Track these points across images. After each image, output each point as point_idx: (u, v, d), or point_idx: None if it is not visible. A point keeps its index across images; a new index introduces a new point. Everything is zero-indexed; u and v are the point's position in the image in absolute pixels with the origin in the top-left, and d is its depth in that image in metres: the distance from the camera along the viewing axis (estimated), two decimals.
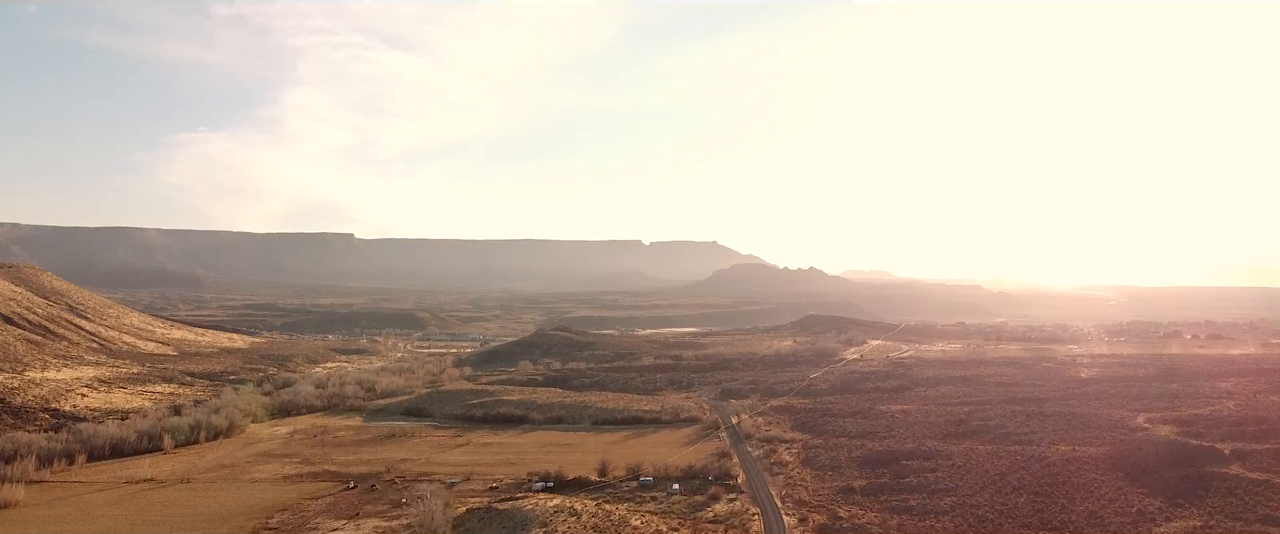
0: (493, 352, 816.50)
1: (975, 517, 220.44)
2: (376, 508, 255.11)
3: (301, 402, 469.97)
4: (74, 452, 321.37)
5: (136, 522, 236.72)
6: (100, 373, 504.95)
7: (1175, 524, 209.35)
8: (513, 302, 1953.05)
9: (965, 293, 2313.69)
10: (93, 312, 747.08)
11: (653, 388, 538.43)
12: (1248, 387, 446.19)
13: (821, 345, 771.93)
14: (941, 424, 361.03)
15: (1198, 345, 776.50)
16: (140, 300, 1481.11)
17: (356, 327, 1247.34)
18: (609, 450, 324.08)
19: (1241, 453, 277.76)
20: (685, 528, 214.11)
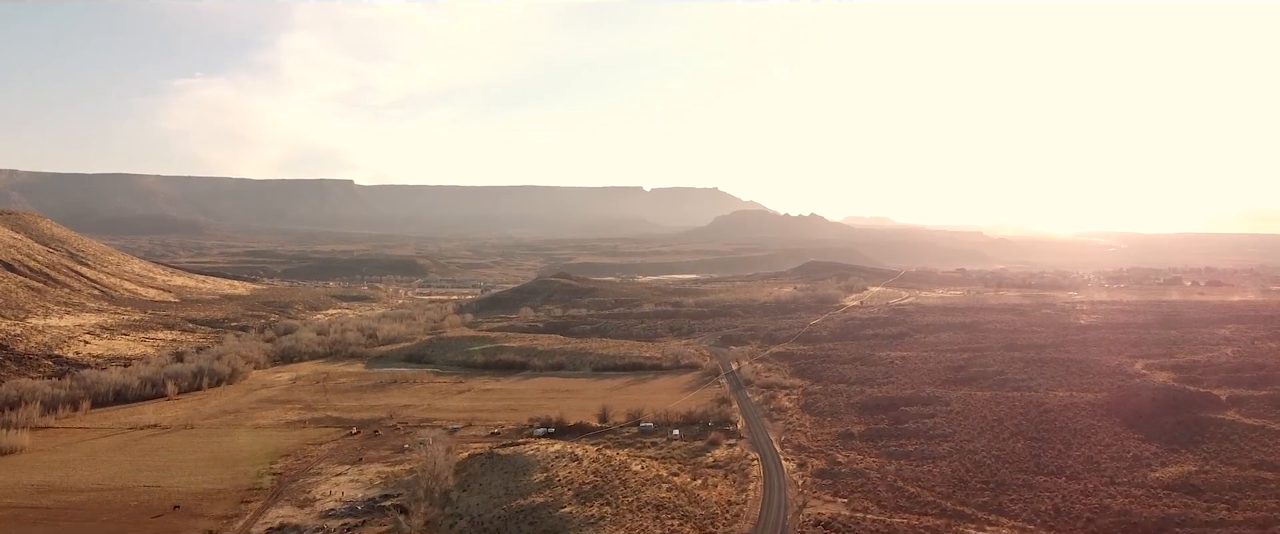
0: (494, 298, 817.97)
1: (972, 462, 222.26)
2: (379, 453, 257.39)
3: (303, 348, 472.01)
4: (78, 398, 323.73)
5: (142, 467, 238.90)
6: (102, 319, 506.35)
7: (1170, 469, 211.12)
8: (513, 248, 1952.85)
9: (966, 239, 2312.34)
10: (93, 258, 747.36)
11: (653, 334, 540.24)
12: (1246, 333, 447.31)
13: (822, 292, 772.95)
14: (940, 370, 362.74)
15: (1197, 292, 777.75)
16: (140, 247, 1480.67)
17: (357, 273, 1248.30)
18: (609, 396, 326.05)
19: (1238, 399, 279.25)
20: (685, 473, 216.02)
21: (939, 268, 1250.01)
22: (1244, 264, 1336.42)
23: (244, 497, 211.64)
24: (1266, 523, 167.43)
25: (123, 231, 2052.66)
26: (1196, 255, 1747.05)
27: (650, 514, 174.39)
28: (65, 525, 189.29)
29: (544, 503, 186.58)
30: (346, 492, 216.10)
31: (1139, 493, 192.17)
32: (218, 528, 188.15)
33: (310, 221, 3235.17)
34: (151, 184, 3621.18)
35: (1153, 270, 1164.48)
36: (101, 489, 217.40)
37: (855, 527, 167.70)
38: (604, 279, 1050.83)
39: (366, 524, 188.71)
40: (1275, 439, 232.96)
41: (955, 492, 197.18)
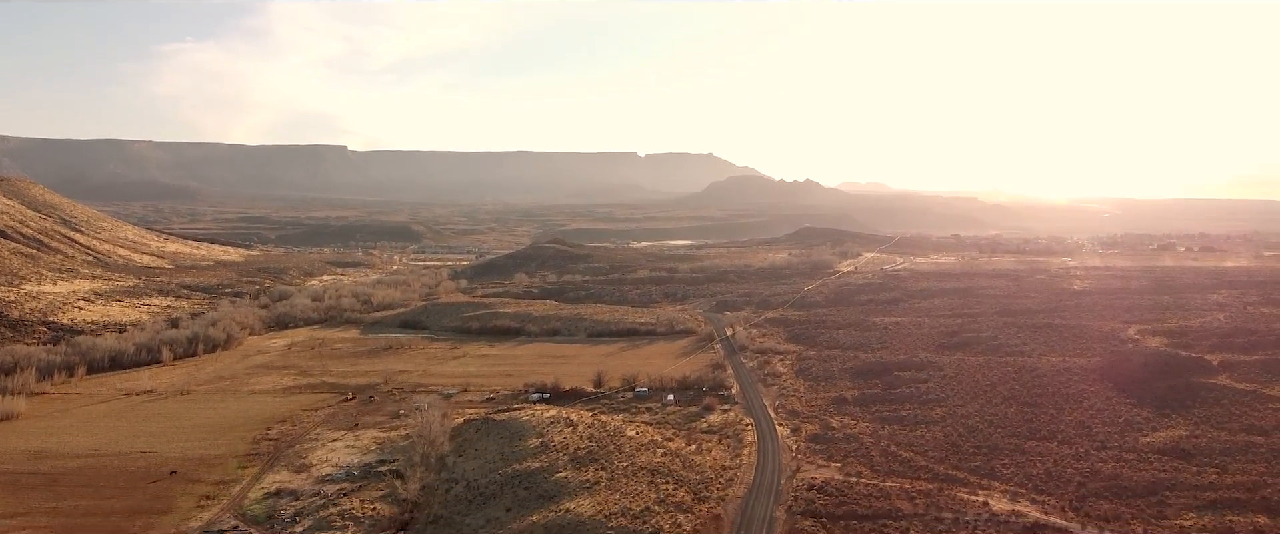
0: (488, 264, 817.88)
1: (965, 426, 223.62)
2: (375, 419, 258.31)
3: (298, 314, 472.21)
4: (73, 364, 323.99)
5: (138, 432, 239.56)
6: (96, 286, 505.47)
7: (1161, 434, 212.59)
8: (508, 214, 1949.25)
9: (960, 205, 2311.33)
10: (86, 225, 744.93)
11: (648, 300, 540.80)
12: (1239, 298, 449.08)
13: (816, 258, 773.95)
14: (934, 336, 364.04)
15: (1190, 257, 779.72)
16: (133, 213, 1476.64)
17: (351, 239, 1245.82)
18: (604, 362, 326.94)
19: (1229, 364, 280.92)
20: (680, 438, 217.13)
21: (933, 233, 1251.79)
22: (1238, 230, 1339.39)
23: (240, 462, 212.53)
24: (1255, 487, 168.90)
25: (115, 198, 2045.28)
26: (1190, 221, 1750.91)
27: (645, 479, 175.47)
28: (62, 491, 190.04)
29: (539, 468, 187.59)
30: (342, 457, 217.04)
31: (1130, 457, 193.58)
32: (214, 493, 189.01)
33: (304, 187, 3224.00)
34: (143, 150, 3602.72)
35: (1146, 236, 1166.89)
36: (98, 455, 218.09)
37: (848, 491, 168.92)
38: (599, 245, 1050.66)
39: (363, 489, 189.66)
40: (1266, 404, 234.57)
41: (948, 456, 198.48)
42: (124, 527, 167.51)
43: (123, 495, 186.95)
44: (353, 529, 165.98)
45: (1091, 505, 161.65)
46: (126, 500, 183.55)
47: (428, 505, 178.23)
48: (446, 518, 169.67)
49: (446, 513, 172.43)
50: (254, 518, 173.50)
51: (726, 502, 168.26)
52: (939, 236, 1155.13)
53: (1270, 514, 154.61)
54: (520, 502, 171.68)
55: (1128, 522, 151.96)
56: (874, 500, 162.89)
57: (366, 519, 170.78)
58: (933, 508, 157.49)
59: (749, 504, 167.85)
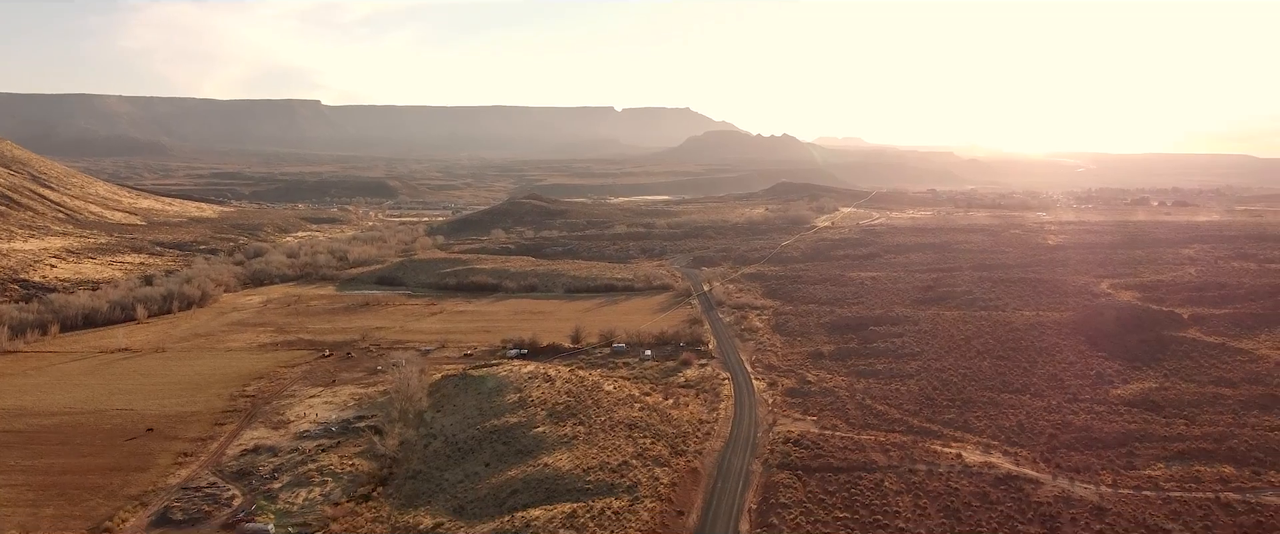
0: (465, 220, 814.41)
1: (940, 380, 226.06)
2: (352, 375, 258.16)
3: (274, 271, 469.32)
4: (47, 322, 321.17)
5: (114, 390, 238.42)
6: (68, 243, 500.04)
7: (1131, 386, 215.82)
8: (484, 169, 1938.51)
9: (937, 160, 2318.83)
10: (56, 181, 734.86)
11: (625, 256, 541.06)
12: (1210, 253, 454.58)
13: (793, 213, 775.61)
14: (910, 291, 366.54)
15: (1164, 212, 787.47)
16: (104, 169, 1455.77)
17: (326, 195, 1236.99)
18: (582, 318, 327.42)
19: (1200, 317, 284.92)
20: (657, 393, 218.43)
21: (910, 188, 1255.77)
22: (1211, 184, 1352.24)
23: (218, 419, 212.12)
24: (1223, 437, 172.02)
25: (85, 154, 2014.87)
26: (1165, 176, 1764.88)
27: (623, 433, 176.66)
28: (38, 448, 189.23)
29: (518, 423, 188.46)
30: (320, 413, 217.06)
31: (1101, 410, 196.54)
32: (192, 450, 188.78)
33: (277, 143, 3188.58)
34: (113, 105, 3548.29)
35: (1121, 191, 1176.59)
36: (74, 413, 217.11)
37: (824, 444, 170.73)
38: (576, 200, 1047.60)
39: (341, 445, 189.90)
40: (1234, 356, 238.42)
41: (922, 409, 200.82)
42: (102, 484, 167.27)
43: (100, 453, 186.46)
44: (331, 485, 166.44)
45: (1062, 457, 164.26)
46: (104, 458, 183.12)
47: (406, 461, 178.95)
48: (425, 473, 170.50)
49: (425, 468, 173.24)
50: (232, 474, 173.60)
51: (703, 455, 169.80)
52: (915, 191, 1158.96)
53: (1237, 464, 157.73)
54: (499, 457, 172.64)
55: (1097, 472, 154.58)
56: (849, 453, 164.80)
57: (345, 475, 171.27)
58: (907, 460, 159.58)
59: (726, 457, 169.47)
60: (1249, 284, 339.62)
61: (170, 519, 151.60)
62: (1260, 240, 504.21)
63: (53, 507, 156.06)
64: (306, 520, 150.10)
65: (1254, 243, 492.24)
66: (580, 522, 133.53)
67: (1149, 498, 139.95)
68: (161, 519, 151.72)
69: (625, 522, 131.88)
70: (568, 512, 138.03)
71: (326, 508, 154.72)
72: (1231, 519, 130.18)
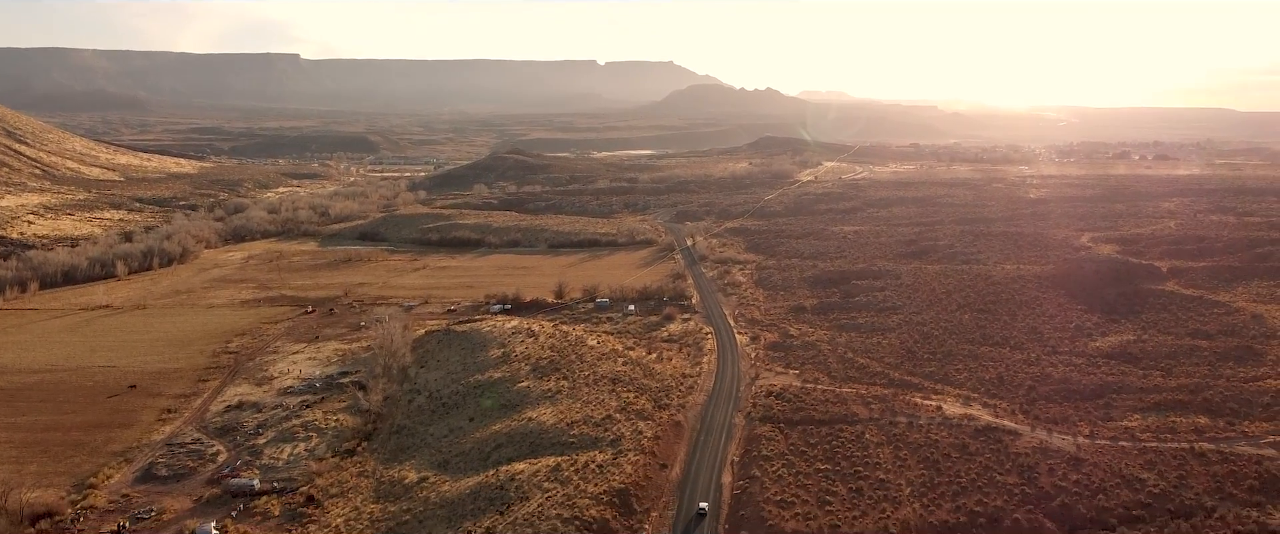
0: (447, 175, 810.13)
1: (921, 333, 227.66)
2: (335, 331, 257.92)
3: (255, 227, 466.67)
4: (26, 279, 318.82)
5: (96, 347, 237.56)
6: (45, 199, 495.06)
7: (1110, 338, 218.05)
8: (465, 124, 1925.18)
9: (920, 113, 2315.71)
10: (32, 137, 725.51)
11: (608, 211, 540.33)
12: (1189, 206, 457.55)
13: (776, 167, 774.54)
14: (892, 245, 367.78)
15: (1145, 166, 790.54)
16: (81, 125, 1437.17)
17: (306, 150, 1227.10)
18: (565, 273, 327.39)
19: (1178, 270, 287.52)
20: (641, 347, 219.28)
21: (893, 142, 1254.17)
22: (1192, 138, 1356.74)
23: (201, 375, 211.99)
24: (1198, 389, 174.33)
25: (60, 109, 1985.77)
26: (1146, 129, 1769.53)
27: (606, 387, 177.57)
28: (21, 406, 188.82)
29: (502, 378, 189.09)
30: (304, 369, 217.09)
31: (1079, 362, 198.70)
32: (175, 407, 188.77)
33: (256, 97, 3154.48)
34: (88, 59, 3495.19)
35: (1103, 144, 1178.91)
36: (56, 370, 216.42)
37: (806, 397, 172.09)
38: (558, 155, 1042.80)
39: (325, 401, 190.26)
40: (1211, 309, 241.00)
41: (903, 362, 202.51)
42: (85, 440, 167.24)
43: (83, 410, 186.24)
44: (316, 440, 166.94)
45: (1041, 408, 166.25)
46: (87, 415, 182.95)
47: (390, 416, 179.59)
48: (409, 428, 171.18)
49: (409, 423, 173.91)
50: (216, 430, 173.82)
51: (687, 409, 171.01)
52: (898, 145, 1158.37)
53: (1211, 414, 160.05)
54: (483, 411, 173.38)
55: (1075, 423, 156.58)
56: (831, 406, 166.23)
57: (329, 430, 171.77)
58: (888, 412, 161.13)
59: (709, 411, 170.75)
60: (1227, 237, 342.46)
61: (155, 475, 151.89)
62: (1239, 194, 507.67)
63: (36, 463, 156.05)
64: (291, 475, 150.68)
65: (1233, 196, 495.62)
66: (564, 475, 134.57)
67: (1125, 448, 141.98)
68: (146, 475, 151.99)
69: (609, 474, 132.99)
70: (552, 465, 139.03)
71: (311, 463, 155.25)
72: (1205, 468, 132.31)
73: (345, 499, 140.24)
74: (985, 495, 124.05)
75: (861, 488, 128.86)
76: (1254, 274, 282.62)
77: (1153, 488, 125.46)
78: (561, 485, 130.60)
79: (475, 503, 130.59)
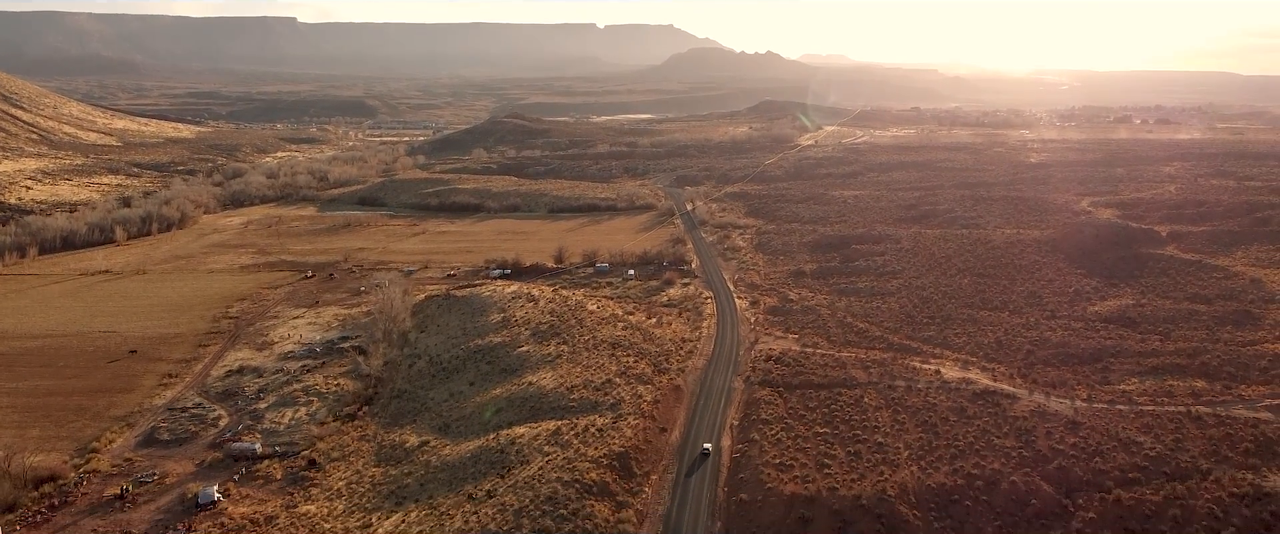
0: (446, 140, 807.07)
1: (920, 298, 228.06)
2: (335, 296, 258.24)
3: (253, 192, 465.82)
4: (25, 245, 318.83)
5: (96, 312, 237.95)
6: (43, 164, 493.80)
7: (1108, 303, 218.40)
8: (464, 88, 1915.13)
9: (921, 77, 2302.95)
10: (28, 101, 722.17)
11: (608, 175, 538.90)
12: (1190, 170, 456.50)
13: (777, 132, 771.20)
14: (892, 209, 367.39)
15: (1145, 130, 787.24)
16: (77, 89, 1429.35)
17: (304, 115, 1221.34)
18: (565, 237, 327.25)
19: (1178, 235, 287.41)
20: (640, 312, 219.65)
21: (893, 106, 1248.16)
22: (1193, 102, 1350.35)
23: (201, 341, 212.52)
24: (1196, 353, 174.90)
25: (56, 73, 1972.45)
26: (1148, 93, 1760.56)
27: (606, 352, 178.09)
28: (21, 371, 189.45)
29: (502, 342, 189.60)
30: (304, 334, 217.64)
31: (1078, 326, 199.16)
32: (176, 372, 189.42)
33: (253, 61, 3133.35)
34: (82, 22, 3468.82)
35: (1104, 108, 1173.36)
36: (57, 335, 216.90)
37: (805, 361, 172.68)
38: (558, 119, 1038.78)
39: (326, 365, 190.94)
40: (1210, 273, 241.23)
41: (902, 327, 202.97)
42: (87, 405, 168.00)
43: (84, 375, 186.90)
44: (317, 405, 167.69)
45: (1039, 372, 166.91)
46: (88, 380, 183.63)
47: (391, 380, 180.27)
48: (410, 392, 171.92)
49: (410, 388, 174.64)
50: (217, 395, 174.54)
51: (686, 373, 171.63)
52: (899, 109, 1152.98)
53: (1208, 379, 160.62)
54: (483, 376, 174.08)
55: (1073, 387, 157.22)
56: (830, 370, 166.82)
57: (330, 395, 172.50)
58: (886, 376, 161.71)
59: (708, 375, 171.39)
60: (1227, 202, 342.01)
61: (157, 440, 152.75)
62: (1240, 158, 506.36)
63: (38, 428, 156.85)
64: (293, 439, 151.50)
65: (1234, 160, 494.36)
66: (564, 439, 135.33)
67: (1122, 412, 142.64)
68: (148, 440, 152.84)
69: (609, 438, 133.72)
70: (552, 429, 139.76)
71: (312, 427, 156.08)
72: (1201, 432, 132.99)
73: (346, 463, 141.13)
74: (983, 458, 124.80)
75: (860, 451, 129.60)
76: (1253, 238, 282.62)
77: (1149, 451, 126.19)
78: (561, 449, 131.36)
79: (476, 466, 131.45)
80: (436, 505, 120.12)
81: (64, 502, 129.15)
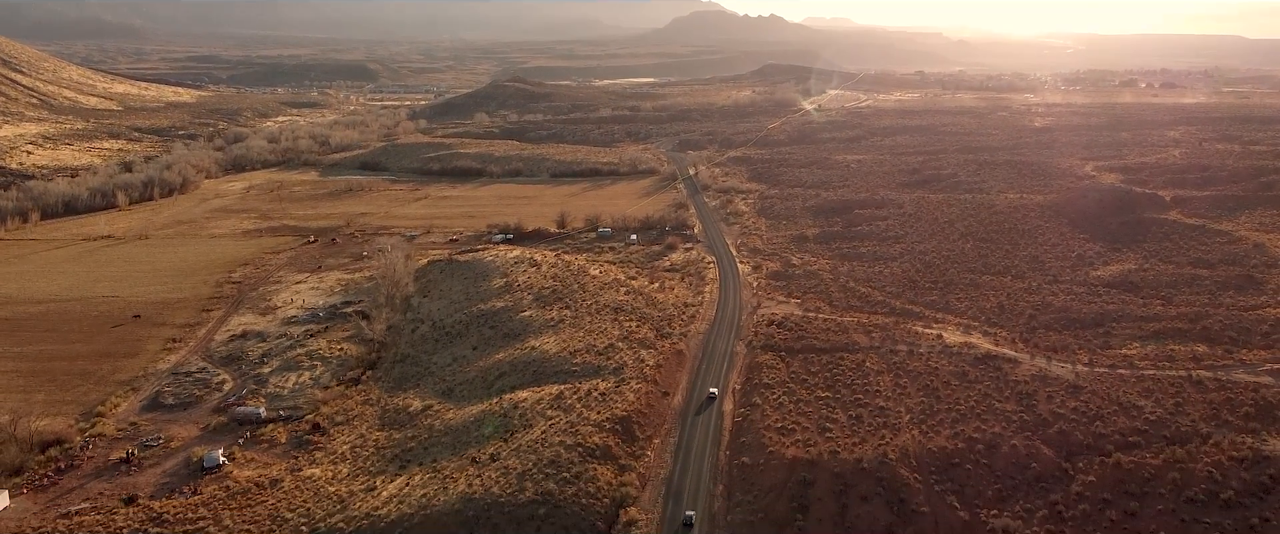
0: (447, 104, 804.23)
1: (922, 262, 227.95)
2: (338, 261, 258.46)
3: (255, 157, 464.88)
4: (27, 209, 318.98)
5: (99, 277, 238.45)
6: (44, 129, 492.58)
7: (1111, 267, 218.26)
8: (466, 52, 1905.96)
9: (925, 41, 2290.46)
10: (28, 65, 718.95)
11: (610, 139, 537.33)
12: (1195, 135, 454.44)
13: (780, 96, 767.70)
14: (895, 174, 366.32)
15: (1151, 94, 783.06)
16: (76, 53, 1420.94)
17: (305, 79, 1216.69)
18: (567, 202, 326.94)
19: (1181, 200, 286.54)
20: (643, 276, 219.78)
21: (898, 70, 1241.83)
22: (1200, 66, 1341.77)
23: (204, 305, 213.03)
24: (1197, 317, 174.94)
25: (55, 37, 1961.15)
26: (1154, 57, 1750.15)
27: (609, 317, 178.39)
28: (25, 336, 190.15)
29: (505, 307, 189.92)
30: (308, 299, 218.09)
31: (1080, 291, 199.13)
32: (180, 336, 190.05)
33: (254, 25, 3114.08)
34: None
35: (1109, 72, 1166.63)
36: (60, 300, 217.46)
37: (807, 326, 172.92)
38: (560, 83, 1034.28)
39: (329, 330, 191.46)
40: (1213, 238, 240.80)
41: (905, 291, 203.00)
42: (92, 370, 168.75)
43: (88, 340, 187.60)
44: (321, 369, 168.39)
45: (1041, 337, 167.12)
46: (92, 344, 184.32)
47: (394, 345, 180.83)
48: (413, 357, 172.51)
49: (413, 352, 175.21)
50: (221, 360, 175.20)
51: (688, 338, 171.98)
52: (903, 73, 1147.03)
53: (1210, 343, 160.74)
54: (486, 340, 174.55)
55: (1074, 352, 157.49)
56: (832, 334, 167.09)
57: (334, 359, 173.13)
58: (888, 341, 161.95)
59: (711, 340, 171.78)
60: (1231, 166, 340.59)
61: (162, 404, 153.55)
62: (1245, 122, 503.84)
63: (44, 392, 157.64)
64: (297, 404, 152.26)
65: (1239, 125, 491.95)
66: (567, 403, 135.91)
67: (1123, 376, 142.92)
68: (153, 404, 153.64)
69: (611, 402, 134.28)
70: (555, 393, 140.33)
71: (316, 392, 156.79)
72: (1202, 396, 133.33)
73: (350, 427, 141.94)
74: (984, 422, 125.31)
75: (861, 415, 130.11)
76: (1258, 203, 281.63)
77: (1150, 415, 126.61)
78: (564, 413, 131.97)
79: (479, 430, 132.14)
80: (440, 468, 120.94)
81: (70, 465, 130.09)
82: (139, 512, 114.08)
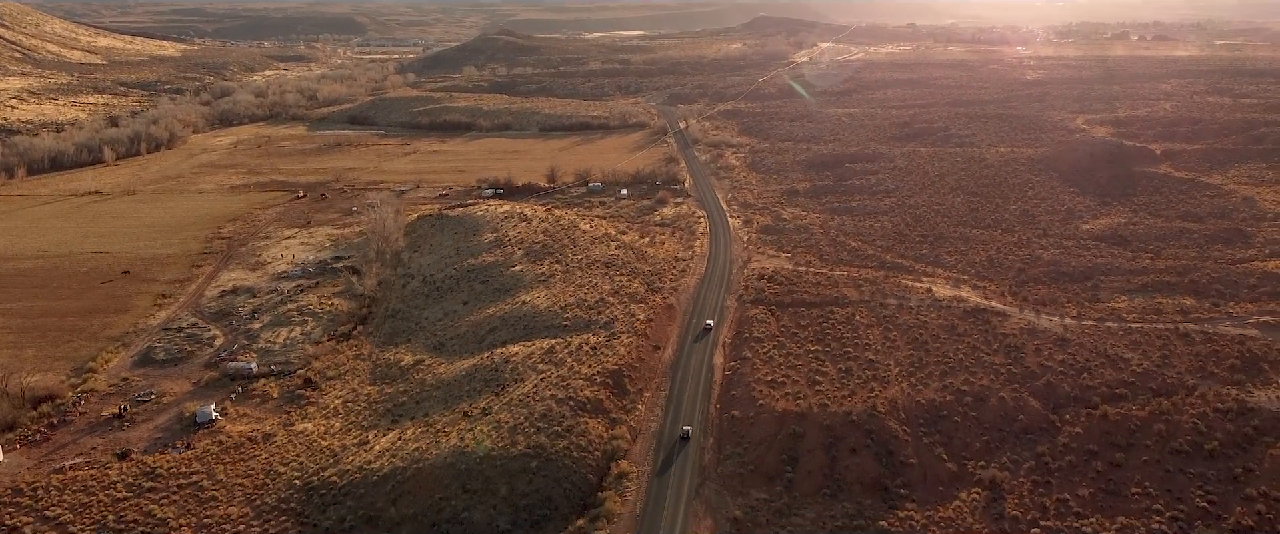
0: (436, 57, 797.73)
1: (913, 216, 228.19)
2: (327, 216, 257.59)
3: (242, 111, 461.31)
4: (13, 165, 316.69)
5: (87, 233, 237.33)
6: (27, 84, 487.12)
7: (1101, 221, 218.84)
8: (454, 5, 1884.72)
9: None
10: (9, 19, 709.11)
11: (600, 93, 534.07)
12: (1186, 88, 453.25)
13: (771, 48, 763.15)
14: (886, 127, 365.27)
15: (1143, 47, 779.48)
16: (59, 6, 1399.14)
17: (292, 32, 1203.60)
18: (557, 156, 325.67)
19: (1172, 153, 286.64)
20: (633, 231, 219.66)
21: (889, 23, 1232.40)
22: (1192, 18, 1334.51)
23: (194, 261, 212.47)
24: (1185, 271, 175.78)
25: None
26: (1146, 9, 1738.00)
27: (599, 271, 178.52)
28: (15, 292, 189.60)
29: (495, 262, 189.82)
30: (297, 254, 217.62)
31: (1069, 244, 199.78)
32: (170, 292, 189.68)
33: None
34: None
35: (1101, 25, 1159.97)
36: (48, 256, 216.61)
37: (797, 280, 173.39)
38: (549, 36, 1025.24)
39: (319, 286, 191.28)
40: (1203, 191, 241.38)
41: (895, 245, 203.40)
42: (82, 326, 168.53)
43: (78, 296, 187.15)
44: (312, 324, 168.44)
45: (1029, 290, 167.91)
46: (82, 300, 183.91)
47: (385, 300, 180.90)
48: (404, 312, 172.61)
49: (404, 307, 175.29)
50: (212, 315, 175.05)
51: (679, 292, 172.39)
52: (894, 26, 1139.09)
53: (1197, 296, 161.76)
54: (477, 295, 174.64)
55: (1063, 305, 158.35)
56: (822, 288, 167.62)
57: (325, 315, 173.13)
58: (878, 295, 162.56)
59: (701, 294, 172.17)
60: (1222, 119, 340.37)
61: (153, 359, 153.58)
62: (1236, 75, 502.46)
63: (34, 349, 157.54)
64: (288, 359, 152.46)
65: (1230, 78, 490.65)
66: (558, 357, 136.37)
67: (1110, 329, 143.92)
68: (144, 359, 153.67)
69: (602, 356, 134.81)
70: (546, 348, 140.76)
71: (308, 347, 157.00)
72: (1188, 348, 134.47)
73: (342, 382, 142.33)
74: (972, 375, 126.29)
75: (851, 368, 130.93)
76: (1248, 156, 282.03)
77: (1136, 368, 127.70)
78: (555, 367, 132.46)
79: (471, 384, 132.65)
80: (432, 423, 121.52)
81: (62, 420, 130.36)
82: (132, 466, 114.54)
